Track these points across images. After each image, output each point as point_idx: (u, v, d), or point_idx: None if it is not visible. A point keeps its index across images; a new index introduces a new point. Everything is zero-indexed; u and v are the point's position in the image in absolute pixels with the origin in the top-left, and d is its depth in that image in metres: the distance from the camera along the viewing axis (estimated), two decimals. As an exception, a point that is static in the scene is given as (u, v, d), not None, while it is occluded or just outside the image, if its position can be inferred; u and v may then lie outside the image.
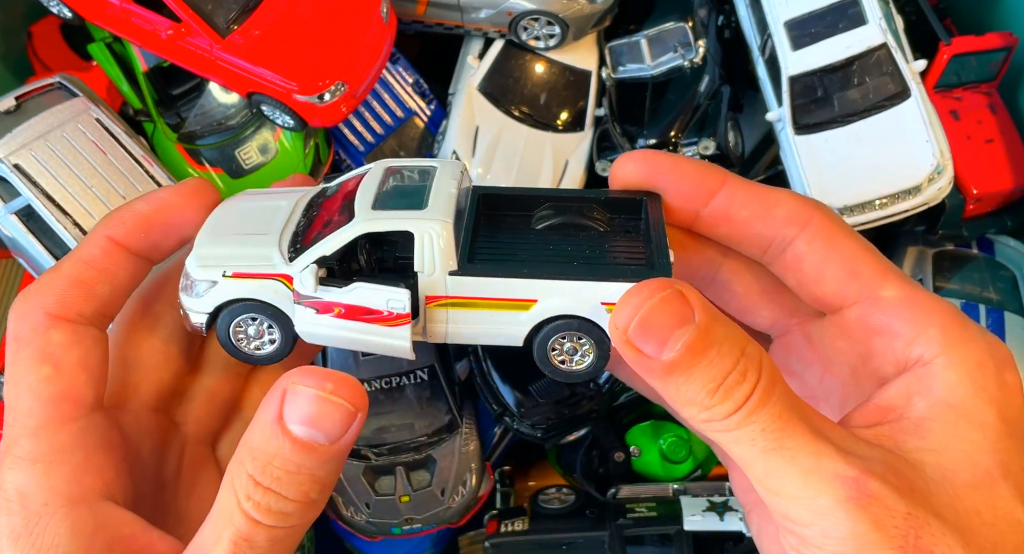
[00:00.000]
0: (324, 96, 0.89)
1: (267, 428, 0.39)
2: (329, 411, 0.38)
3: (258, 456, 0.38)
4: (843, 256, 0.44)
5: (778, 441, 0.37)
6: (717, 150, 1.04)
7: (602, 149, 1.11)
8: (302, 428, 0.38)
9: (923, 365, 0.40)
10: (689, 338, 0.37)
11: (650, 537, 1.01)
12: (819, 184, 0.97)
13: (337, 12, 0.49)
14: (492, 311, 0.42)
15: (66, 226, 0.88)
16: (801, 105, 0.99)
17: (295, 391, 0.39)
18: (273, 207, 0.47)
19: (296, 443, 0.38)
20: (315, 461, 0.38)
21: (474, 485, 1.05)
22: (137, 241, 0.45)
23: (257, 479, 0.38)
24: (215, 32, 0.41)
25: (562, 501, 1.07)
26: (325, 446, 0.38)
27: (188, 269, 0.45)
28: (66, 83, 0.94)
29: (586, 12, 1.04)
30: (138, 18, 0.89)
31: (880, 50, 0.97)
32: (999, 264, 1.06)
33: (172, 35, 0.43)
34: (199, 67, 0.93)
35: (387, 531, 1.04)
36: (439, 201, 0.43)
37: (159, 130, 1.05)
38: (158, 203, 0.46)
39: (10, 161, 0.87)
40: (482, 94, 1.09)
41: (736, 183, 0.46)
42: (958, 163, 0.97)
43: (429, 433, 1.05)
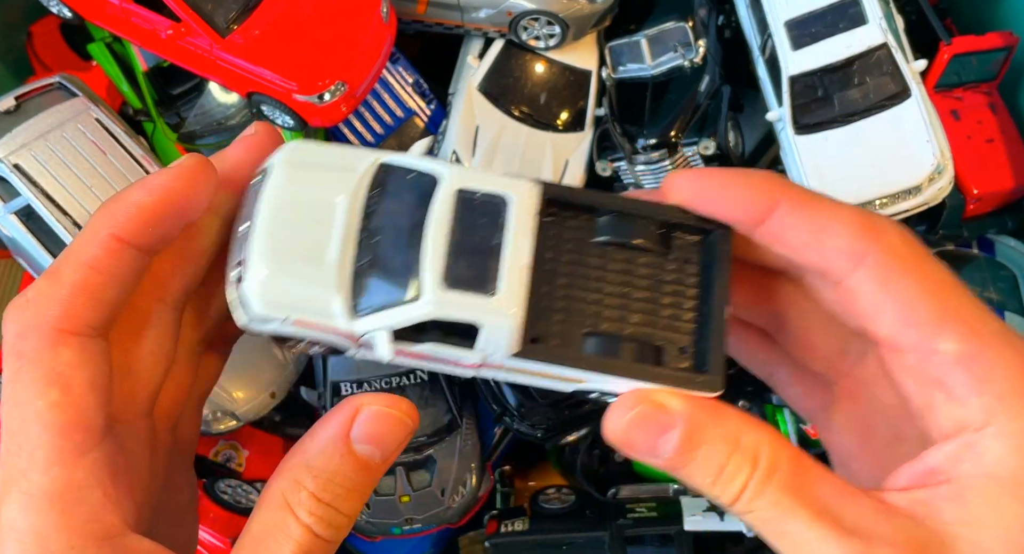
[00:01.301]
0: (324, 96, 0.89)
1: (331, 447, 0.40)
2: (393, 429, 0.41)
3: (319, 475, 0.40)
4: (900, 299, 0.40)
5: (779, 528, 0.39)
6: (717, 150, 1.04)
7: (602, 149, 1.11)
8: (367, 447, 0.41)
9: (975, 430, 0.38)
10: (675, 444, 0.40)
11: (650, 537, 1.01)
12: (819, 184, 0.96)
13: (337, 12, 0.47)
14: (544, 378, 0.44)
15: (66, 226, 0.88)
16: (801, 105, 0.99)
17: (370, 412, 0.41)
18: (330, 205, 0.43)
19: (358, 461, 0.40)
20: (370, 478, 0.41)
21: (474, 485, 1.05)
22: (144, 236, 0.41)
23: (319, 496, 0.40)
24: (215, 32, 0.40)
25: (562, 501, 1.07)
26: (378, 464, 0.41)
27: (247, 294, 0.42)
28: (66, 83, 0.94)
29: (586, 12, 1.04)
30: (138, 18, 0.89)
31: (880, 50, 0.96)
32: (999, 264, 1.06)
33: (172, 35, 0.40)
34: (199, 67, 0.93)
35: (387, 531, 1.04)
36: (513, 278, 0.41)
37: (159, 130, 1.05)
38: (160, 191, 0.42)
39: (10, 161, 0.87)
40: (482, 94, 1.09)
41: (790, 202, 0.42)
42: (958, 163, 0.97)
43: (429, 433, 1.05)
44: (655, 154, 1.06)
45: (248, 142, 0.48)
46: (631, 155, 1.06)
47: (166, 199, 0.41)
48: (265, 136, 0.48)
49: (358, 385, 1.04)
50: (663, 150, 1.05)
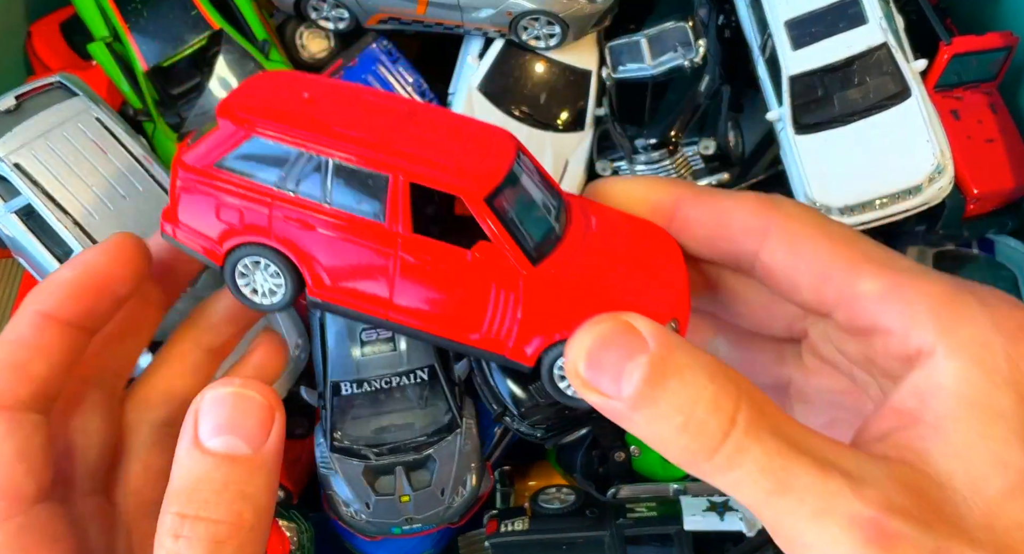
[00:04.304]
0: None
1: (184, 457, 0.36)
2: (243, 408, 0.37)
3: (181, 491, 0.36)
4: (809, 258, 0.40)
5: (782, 481, 0.33)
6: (717, 150, 1.04)
7: (602, 149, 1.11)
8: (219, 439, 0.36)
9: (927, 356, 0.36)
10: (645, 368, 0.34)
11: (650, 537, 1.01)
12: (819, 184, 0.97)
13: (641, 248, 0.42)
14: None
15: (66, 225, 0.88)
16: (801, 105, 0.99)
17: (205, 400, 0.37)
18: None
19: (216, 458, 0.36)
20: (240, 473, 0.36)
21: (474, 485, 1.05)
22: (68, 311, 0.42)
23: (182, 512, 0.35)
24: (527, 259, 0.35)
25: (562, 501, 1.07)
26: (249, 455, 0.36)
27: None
28: (66, 82, 0.94)
29: (586, 12, 1.04)
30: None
31: (880, 50, 0.97)
32: (999, 264, 1.06)
33: (478, 259, 0.37)
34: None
35: (387, 531, 1.04)
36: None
37: (159, 130, 1.05)
38: (82, 267, 0.43)
39: (10, 160, 0.87)
40: (482, 94, 1.09)
41: (687, 198, 0.43)
42: (958, 163, 0.97)
43: (429, 433, 1.05)
44: (655, 154, 1.06)
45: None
46: (631, 155, 1.06)
47: (87, 274, 0.42)
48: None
49: (358, 385, 1.04)
50: (663, 150, 1.05)
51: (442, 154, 0.40)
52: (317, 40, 1.15)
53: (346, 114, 0.40)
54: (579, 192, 0.47)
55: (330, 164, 0.39)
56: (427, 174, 0.39)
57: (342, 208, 0.39)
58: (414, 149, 0.39)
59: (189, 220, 0.41)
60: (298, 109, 0.40)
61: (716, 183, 1.06)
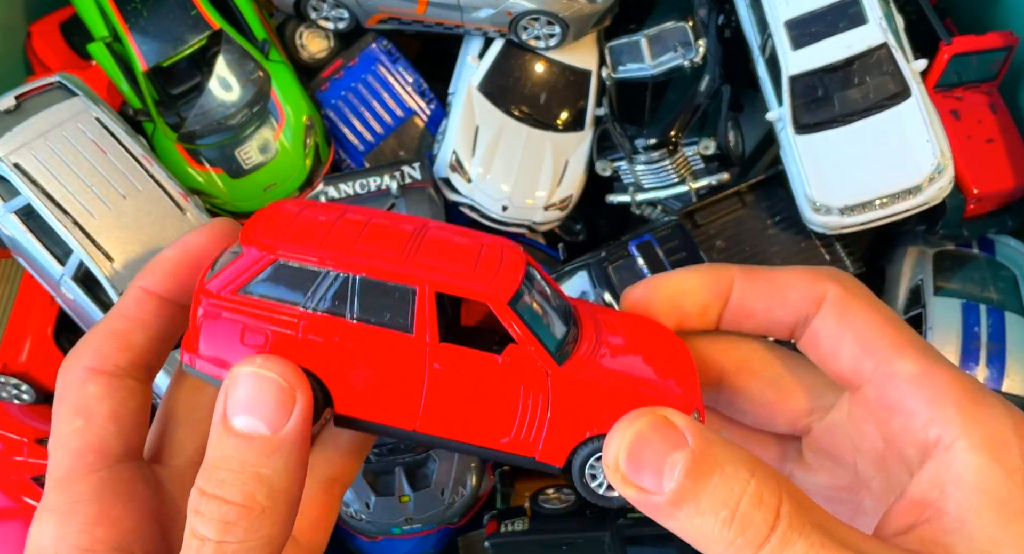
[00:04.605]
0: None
1: (214, 434, 0.37)
2: (263, 388, 0.37)
3: (206, 467, 0.37)
4: (857, 330, 0.42)
5: None
6: (717, 150, 1.04)
7: (602, 149, 1.11)
8: (242, 418, 0.37)
9: (945, 448, 0.38)
10: (686, 463, 0.34)
11: (650, 537, 1.01)
12: (819, 184, 0.97)
13: (649, 347, 0.43)
14: None
15: (66, 225, 0.88)
16: (801, 105, 0.99)
17: (230, 378, 0.38)
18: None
19: (238, 438, 0.37)
20: (256, 454, 0.37)
21: (474, 485, 1.05)
22: (166, 287, 0.45)
23: (202, 488, 0.36)
24: (552, 360, 0.36)
25: (562, 501, 1.07)
26: (267, 436, 0.37)
27: None
28: (66, 82, 0.94)
29: (586, 12, 1.04)
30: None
31: (880, 50, 0.96)
32: (1000, 264, 1.06)
33: (508, 362, 0.39)
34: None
35: (387, 531, 1.04)
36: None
37: (159, 130, 1.05)
38: (181, 246, 0.45)
39: (10, 160, 0.87)
40: (482, 94, 1.09)
41: (744, 277, 0.45)
42: (959, 163, 0.97)
43: (429, 433, 1.05)
44: (655, 154, 1.06)
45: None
46: (631, 155, 1.06)
47: (184, 253, 0.45)
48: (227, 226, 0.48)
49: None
50: (663, 150, 1.05)
51: (460, 264, 0.41)
52: (317, 40, 1.15)
53: (362, 233, 0.41)
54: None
55: (357, 281, 0.40)
56: (452, 283, 0.40)
57: (369, 322, 0.40)
58: (434, 261, 0.40)
59: (212, 348, 0.41)
60: (318, 232, 0.41)
61: (716, 183, 1.06)
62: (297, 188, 1.07)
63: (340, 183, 1.06)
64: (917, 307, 1.04)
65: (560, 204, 1.09)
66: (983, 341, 0.98)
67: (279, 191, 1.06)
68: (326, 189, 1.06)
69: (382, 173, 1.05)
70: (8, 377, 1.02)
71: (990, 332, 0.99)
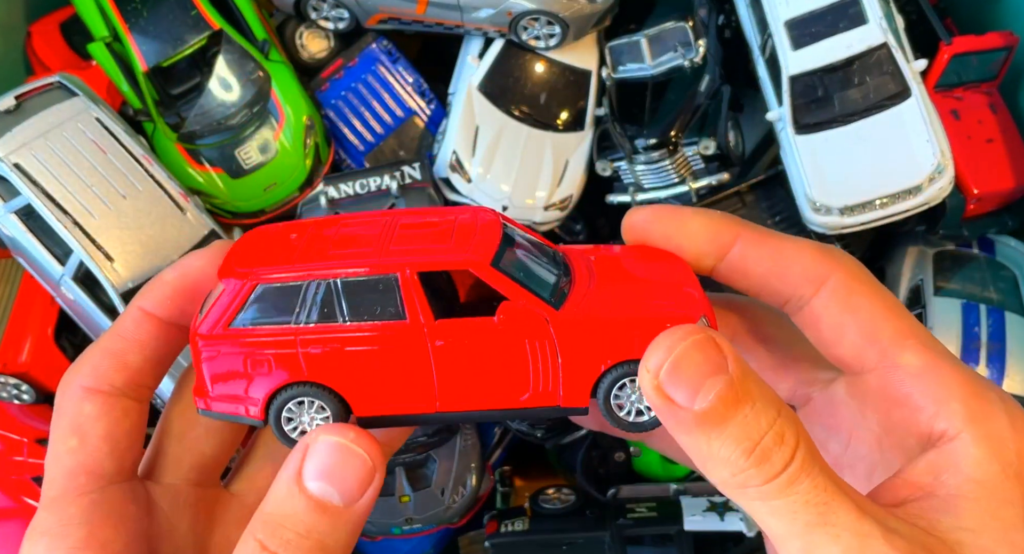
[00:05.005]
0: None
1: (284, 487, 0.38)
2: (347, 462, 0.38)
3: (269, 520, 0.37)
4: (861, 318, 0.42)
5: (823, 515, 0.34)
6: (717, 150, 1.04)
7: (602, 149, 1.11)
8: (318, 484, 0.37)
9: (948, 441, 0.39)
10: (723, 388, 0.35)
11: (650, 537, 1.01)
12: (819, 184, 0.97)
13: (646, 268, 0.43)
14: None
15: (66, 225, 0.88)
16: (801, 105, 0.99)
17: (316, 441, 0.38)
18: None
19: (310, 502, 0.37)
20: (327, 524, 0.37)
21: (474, 485, 1.05)
22: (165, 309, 0.45)
23: (264, 543, 0.37)
24: (549, 305, 0.36)
25: (562, 501, 1.07)
26: (339, 508, 0.37)
27: None
28: (66, 82, 0.94)
29: (586, 12, 1.04)
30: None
31: (880, 50, 0.97)
32: (1000, 264, 1.06)
33: (504, 319, 0.39)
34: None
35: (387, 531, 1.04)
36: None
37: (159, 130, 1.05)
38: (181, 269, 0.46)
39: (10, 160, 0.87)
40: (482, 94, 1.09)
41: (750, 236, 0.44)
42: (959, 163, 0.97)
43: (429, 433, 1.05)
44: (655, 154, 1.06)
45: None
46: (631, 155, 1.06)
47: (184, 275, 0.45)
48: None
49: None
50: (663, 150, 1.05)
51: (436, 241, 0.42)
52: (317, 40, 1.15)
53: (334, 240, 0.42)
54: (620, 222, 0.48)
55: (339, 284, 0.41)
56: (430, 260, 0.40)
57: (363, 320, 0.41)
58: (409, 245, 0.41)
59: (222, 387, 0.42)
60: (290, 249, 0.42)
61: (716, 183, 1.06)
62: (297, 188, 1.07)
63: (340, 183, 1.06)
64: (917, 307, 1.04)
65: (560, 204, 1.09)
66: (983, 341, 0.98)
67: (279, 191, 1.06)
68: (326, 189, 1.06)
69: (382, 173, 1.05)
70: (8, 377, 1.02)
71: (990, 332, 0.99)
